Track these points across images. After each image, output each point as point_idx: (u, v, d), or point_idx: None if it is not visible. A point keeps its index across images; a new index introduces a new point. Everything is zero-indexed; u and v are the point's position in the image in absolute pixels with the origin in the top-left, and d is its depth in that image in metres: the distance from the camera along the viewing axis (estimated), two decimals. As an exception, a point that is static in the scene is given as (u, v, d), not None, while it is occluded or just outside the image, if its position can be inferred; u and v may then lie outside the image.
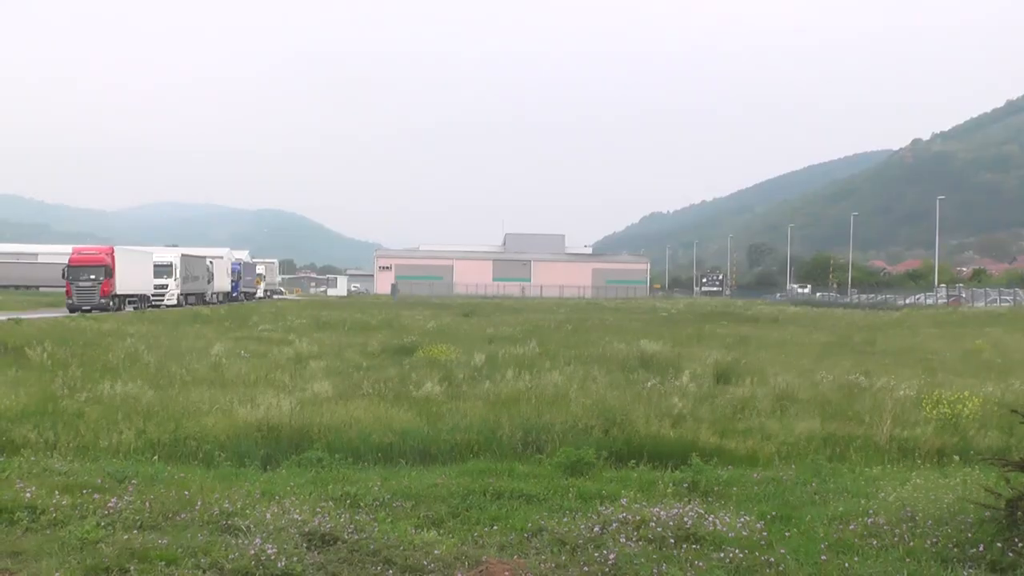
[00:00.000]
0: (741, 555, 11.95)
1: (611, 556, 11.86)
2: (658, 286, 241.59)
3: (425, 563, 11.67)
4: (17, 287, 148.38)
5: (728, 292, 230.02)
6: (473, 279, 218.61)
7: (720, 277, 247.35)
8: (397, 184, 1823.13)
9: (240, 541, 11.96)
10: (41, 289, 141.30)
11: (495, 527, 13.38)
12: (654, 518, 13.23)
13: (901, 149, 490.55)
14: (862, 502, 15.01)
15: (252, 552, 11.43)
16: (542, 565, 11.77)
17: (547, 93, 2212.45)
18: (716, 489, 16.28)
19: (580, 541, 12.58)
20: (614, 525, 13.13)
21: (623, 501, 14.29)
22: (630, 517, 13.37)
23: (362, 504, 14.45)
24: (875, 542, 12.78)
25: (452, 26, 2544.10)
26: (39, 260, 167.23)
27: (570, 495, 15.44)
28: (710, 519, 13.32)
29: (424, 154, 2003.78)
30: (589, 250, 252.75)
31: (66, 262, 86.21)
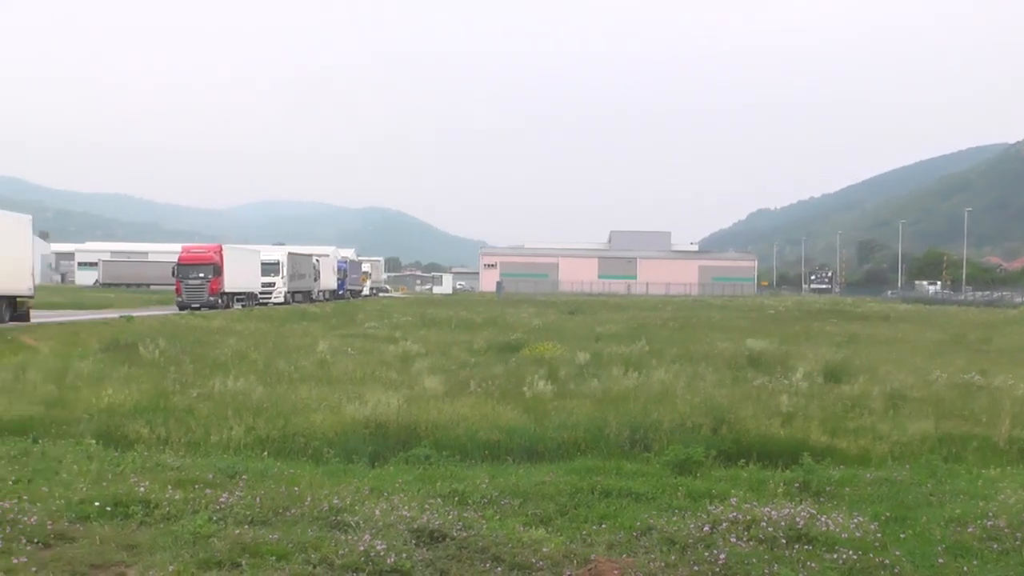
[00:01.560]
0: (855, 556, 11.79)
1: (721, 556, 11.75)
2: (765, 283, 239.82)
3: (533, 561, 11.63)
4: (128, 285, 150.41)
5: (837, 289, 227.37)
6: (578, 277, 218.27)
7: (829, 274, 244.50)
8: (503, 182, 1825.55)
9: (349, 537, 12.00)
10: (151, 287, 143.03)
11: (603, 525, 13.32)
12: (765, 518, 13.10)
13: (1018, 143, 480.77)
14: (980, 504, 14.72)
15: (362, 548, 11.46)
16: (651, 564, 11.69)
17: (654, 88, 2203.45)
18: (828, 489, 16.07)
19: (690, 540, 12.48)
20: (724, 524, 13.02)
21: (733, 500, 14.17)
22: (740, 516, 13.25)
23: (470, 501, 14.45)
24: (995, 546, 12.54)
25: (553, 24, 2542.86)
26: (149, 259, 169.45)
27: (679, 494, 15.33)
28: (822, 519, 13.15)
29: (530, 151, 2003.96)
30: (695, 247, 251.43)
31: (176, 260, 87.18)
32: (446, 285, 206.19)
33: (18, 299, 54.88)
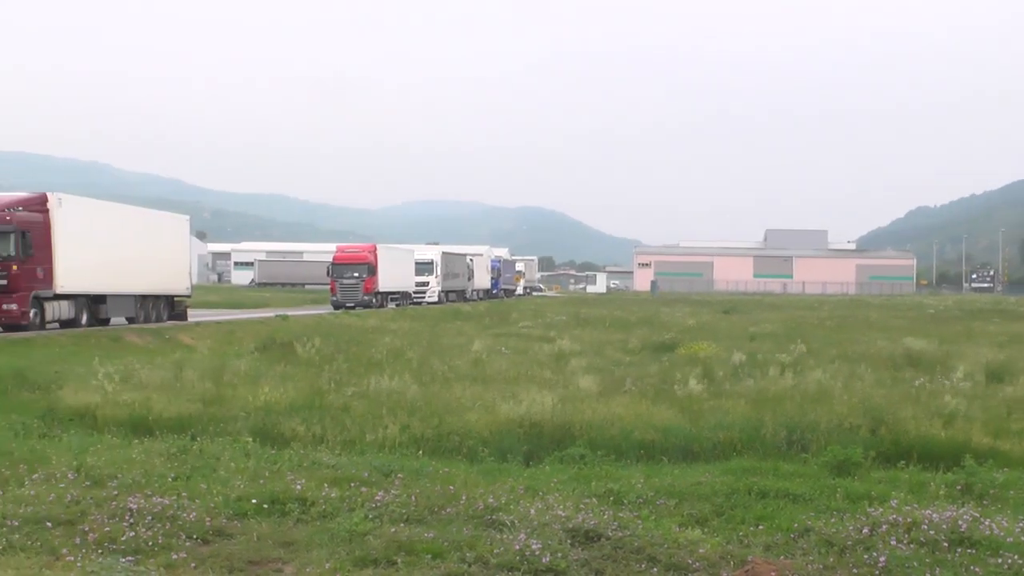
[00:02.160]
0: (1021, 561, 11.47)
1: (881, 559, 11.52)
2: (924, 282, 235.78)
3: (690, 561, 11.50)
4: (283, 285, 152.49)
5: (999, 289, 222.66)
6: (733, 276, 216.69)
7: (991, 273, 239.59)
8: (658, 181, 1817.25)
9: (505, 536, 11.97)
10: (306, 287, 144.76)
11: (760, 526, 13.14)
12: (926, 520, 12.81)
13: None
14: None
15: (517, 547, 11.43)
16: (809, 566, 11.49)
17: (809, 87, 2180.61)
18: (991, 492, 15.65)
19: (848, 542, 12.25)
20: (884, 527, 12.75)
21: (893, 502, 13.88)
22: (900, 519, 12.97)
23: (625, 501, 14.34)
24: None
25: (705, 21, 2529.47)
26: (304, 258, 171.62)
27: (837, 495, 15.07)
28: (986, 523, 12.81)
29: (685, 149, 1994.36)
30: (852, 246, 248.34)
31: (330, 260, 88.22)
32: (600, 284, 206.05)
33: (176, 298, 55.96)
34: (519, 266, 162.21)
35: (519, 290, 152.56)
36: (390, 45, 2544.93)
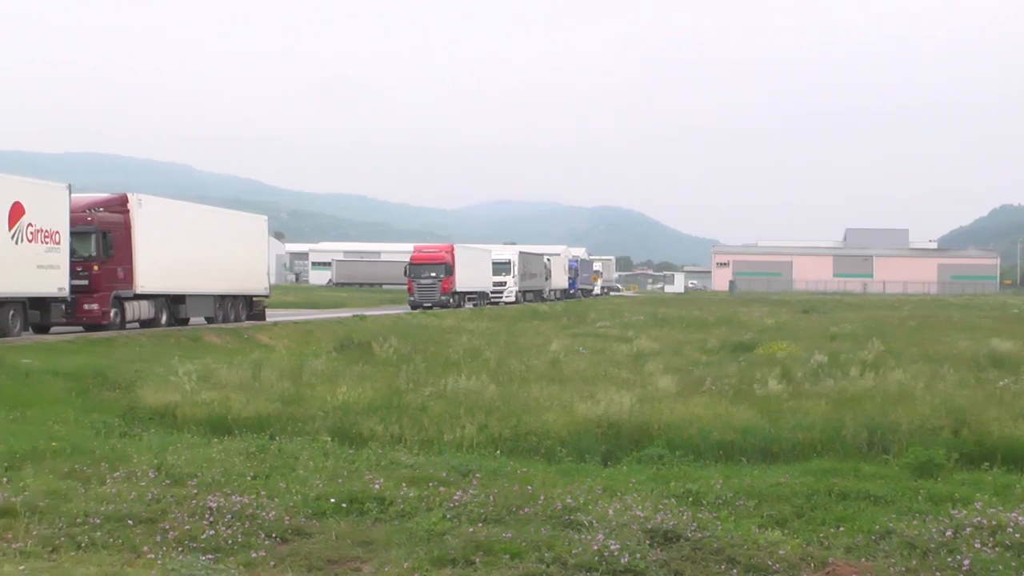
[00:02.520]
0: (1109, 566, 11.27)
1: (965, 562, 11.36)
2: (1008, 282, 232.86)
3: (770, 563, 11.40)
4: (361, 284, 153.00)
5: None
6: (812, 275, 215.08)
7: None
8: (736, 180, 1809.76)
9: (583, 536, 11.92)
10: (383, 287, 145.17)
11: (841, 528, 12.99)
12: (1011, 523, 12.62)
13: None
14: None
15: (595, 548, 11.38)
16: (891, 569, 11.36)
17: (887, 84, 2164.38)
18: (1078, 495, 15.41)
19: (931, 545, 12.09)
20: (967, 530, 12.56)
21: (977, 505, 13.68)
22: (985, 522, 12.78)
23: (704, 502, 14.25)
24: None
25: (783, 15, 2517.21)
26: (381, 258, 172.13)
27: (919, 497, 14.87)
28: (1072, 526, 12.60)
29: (763, 148, 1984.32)
30: (934, 245, 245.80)
31: (408, 260, 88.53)
32: (678, 284, 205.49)
33: (254, 298, 56.32)
34: (596, 266, 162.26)
35: (596, 290, 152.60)
36: (471, 48, 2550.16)
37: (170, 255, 47.16)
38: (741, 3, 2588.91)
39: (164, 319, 47.62)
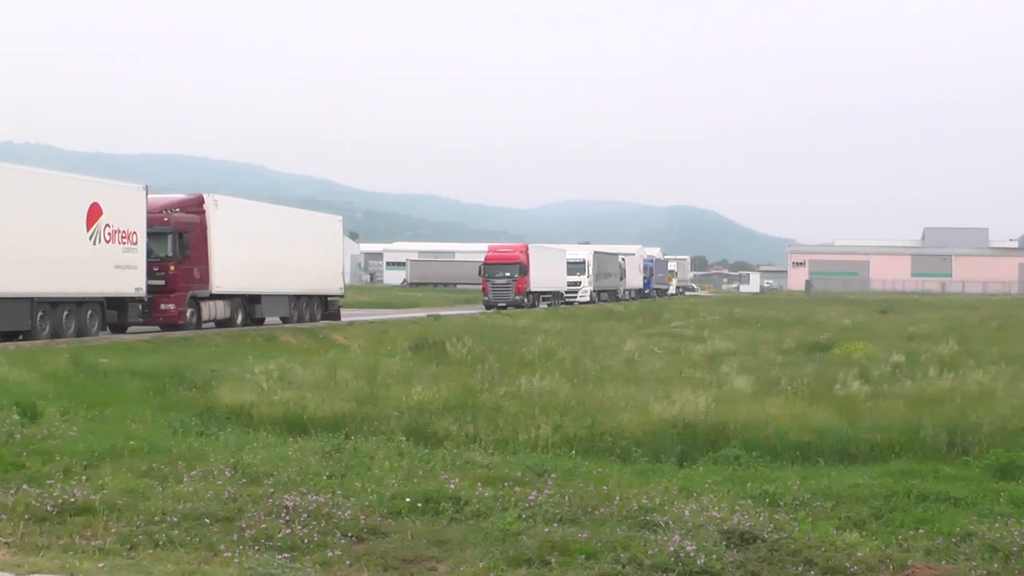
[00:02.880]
0: None
1: (1049, 565, 11.20)
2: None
3: (847, 565, 11.28)
4: (435, 284, 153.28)
5: None
6: (890, 275, 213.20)
7: None
8: (812, 178, 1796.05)
9: (659, 537, 11.85)
10: (458, 286, 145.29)
11: (920, 530, 12.84)
12: (1095, 527, 12.43)
13: None
14: None
15: (671, 548, 11.31)
16: (972, 572, 11.22)
17: (967, 78, 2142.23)
18: None
19: (1013, 548, 11.92)
20: (1051, 533, 12.39)
21: (1060, 507, 13.51)
22: (1069, 525, 12.61)
23: (781, 503, 14.14)
24: None
25: (860, 13, 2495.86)
26: (456, 258, 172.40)
27: (1001, 500, 14.68)
28: None
29: (841, 146, 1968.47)
30: (1015, 244, 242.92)
31: (482, 260, 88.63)
32: (753, 284, 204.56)
33: (329, 298, 56.53)
34: (671, 265, 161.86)
35: (671, 290, 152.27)
36: (543, 47, 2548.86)
37: (245, 255, 47.41)
38: (813, 2, 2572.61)
39: (240, 319, 47.89)
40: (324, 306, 55.76)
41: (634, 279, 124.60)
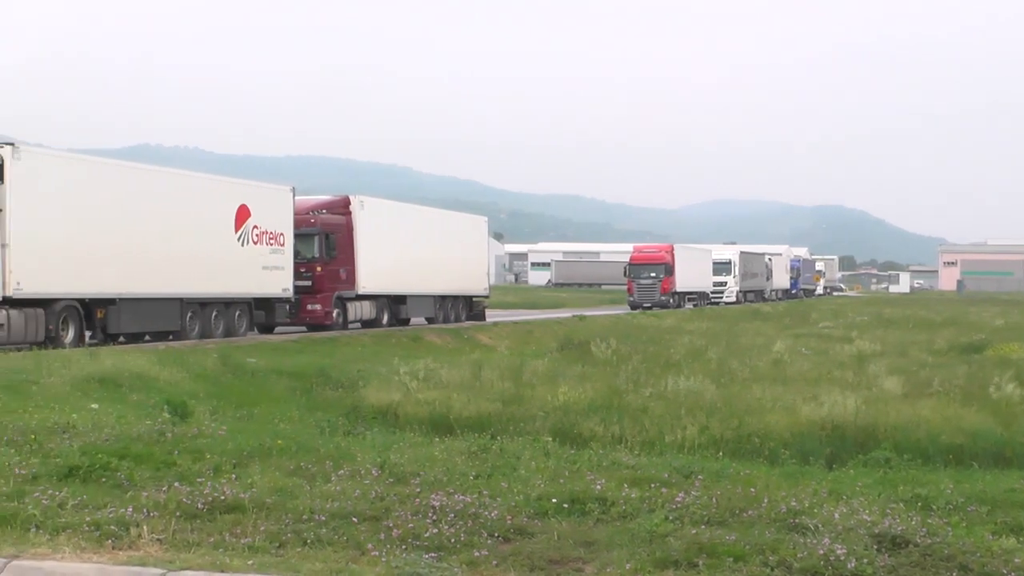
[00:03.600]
0: None
1: None
2: None
3: (1004, 571, 10.99)
4: (580, 285, 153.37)
5: None
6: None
7: None
8: (962, 176, 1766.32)
9: (808, 540, 11.66)
10: (602, 287, 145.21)
11: (1081, 537, 12.49)
12: None
13: None
14: None
15: (821, 552, 11.12)
16: None
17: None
18: None
19: None
20: None
21: None
22: None
23: (933, 507, 13.84)
24: None
25: (1011, 8, 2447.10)
26: (600, 259, 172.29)
27: None
28: None
29: (990, 143, 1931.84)
30: None
31: (627, 260, 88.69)
32: (903, 284, 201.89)
33: (474, 299, 56.86)
34: (819, 265, 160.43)
35: (819, 290, 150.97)
36: (688, 46, 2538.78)
37: (391, 256, 47.85)
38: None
39: (385, 319, 48.37)
40: (469, 307, 56.12)
41: (781, 279, 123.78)
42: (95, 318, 33.72)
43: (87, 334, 33.59)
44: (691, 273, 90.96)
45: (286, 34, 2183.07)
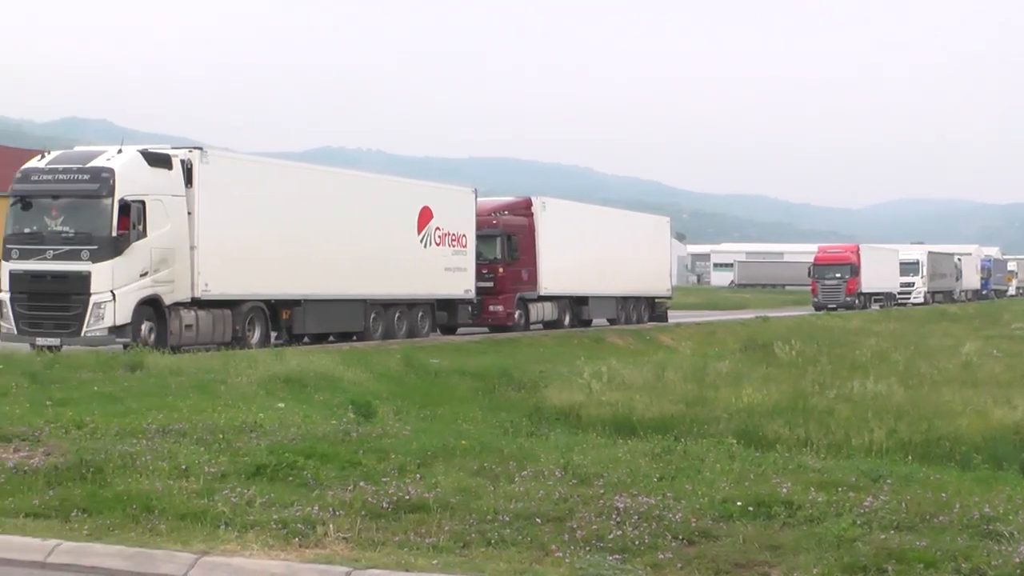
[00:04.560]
0: None
1: None
2: None
3: None
4: (763, 286, 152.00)
5: None
6: None
7: None
8: None
9: (1003, 548, 11.36)
10: (786, 288, 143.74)
11: None
12: None
13: None
14: None
15: (1017, 560, 10.83)
16: None
17: None
18: None
19: None
20: None
21: None
22: None
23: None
24: None
25: None
26: (784, 259, 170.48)
27: None
28: None
29: None
30: None
31: (811, 261, 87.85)
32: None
33: (656, 300, 56.67)
34: (1011, 265, 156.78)
35: (1011, 291, 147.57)
36: (873, 43, 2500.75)
37: (573, 257, 47.88)
38: None
39: (567, 320, 48.41)
40: (651, 308, 55.95)
41: (971, 280, 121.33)
42: (280, 319, 34.37)
43: (273, 335, 34.26)
44: (877, 274, 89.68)
45: (471, 37, 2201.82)
